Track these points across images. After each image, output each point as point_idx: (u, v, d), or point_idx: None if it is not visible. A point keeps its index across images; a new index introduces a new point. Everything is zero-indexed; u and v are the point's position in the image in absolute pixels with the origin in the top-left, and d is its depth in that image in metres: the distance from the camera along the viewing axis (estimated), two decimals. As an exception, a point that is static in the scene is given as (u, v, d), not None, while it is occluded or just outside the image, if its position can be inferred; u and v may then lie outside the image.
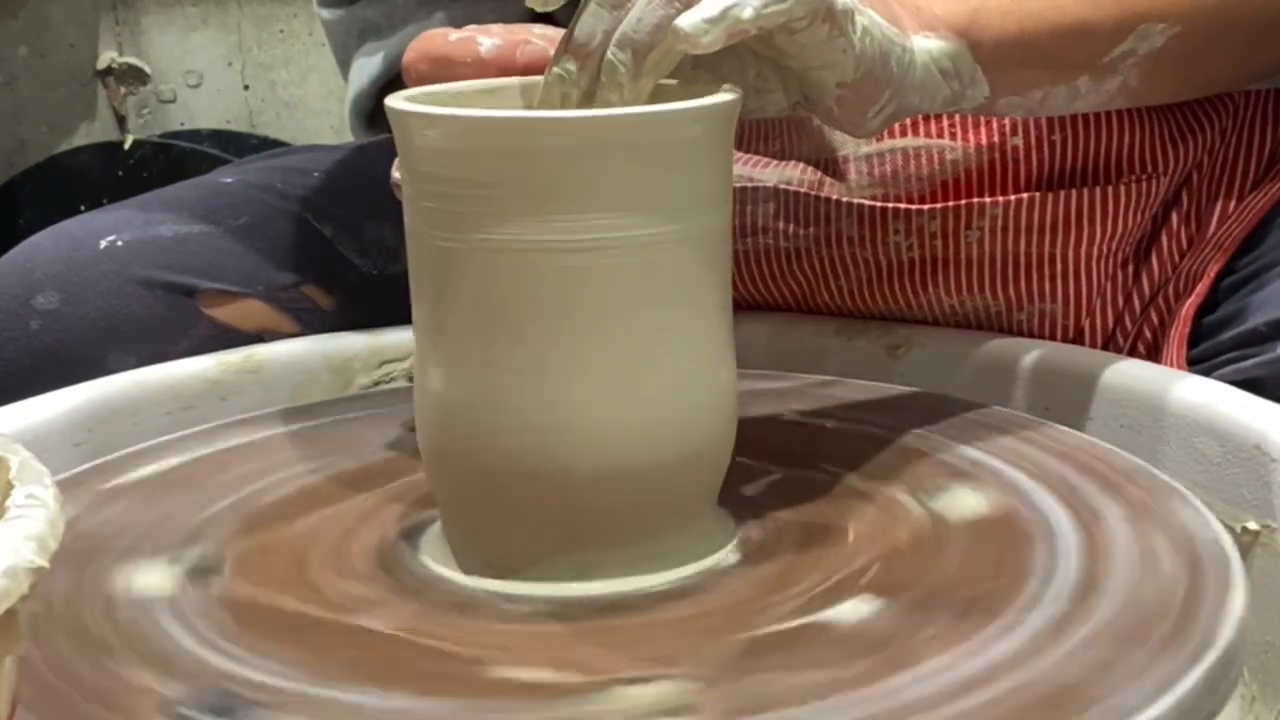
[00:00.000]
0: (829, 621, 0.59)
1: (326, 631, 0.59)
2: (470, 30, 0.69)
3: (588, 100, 0.63)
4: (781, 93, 0.68)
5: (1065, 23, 0.75)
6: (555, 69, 0.63)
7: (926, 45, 0.70)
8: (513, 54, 0.68)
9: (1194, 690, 0.53)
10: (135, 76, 2.68)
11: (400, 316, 0.67)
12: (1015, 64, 0.74)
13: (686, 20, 0.59)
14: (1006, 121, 0.88)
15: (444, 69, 0.68)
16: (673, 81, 0.66)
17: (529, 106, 0.66)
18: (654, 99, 0.63)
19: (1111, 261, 0.90)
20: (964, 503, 0.68)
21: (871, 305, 0.92)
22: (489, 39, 0.68)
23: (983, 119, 0.88)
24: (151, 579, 0.63)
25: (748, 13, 0.59)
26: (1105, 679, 0.53)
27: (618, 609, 0.60)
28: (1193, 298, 0.88)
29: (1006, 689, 0.53)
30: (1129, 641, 0.55)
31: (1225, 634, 0.56)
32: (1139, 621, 0.57)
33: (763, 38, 0.62)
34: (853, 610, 0.59)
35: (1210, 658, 0.54)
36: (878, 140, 0.89)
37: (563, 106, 0.64)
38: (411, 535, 0.67)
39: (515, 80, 0.67)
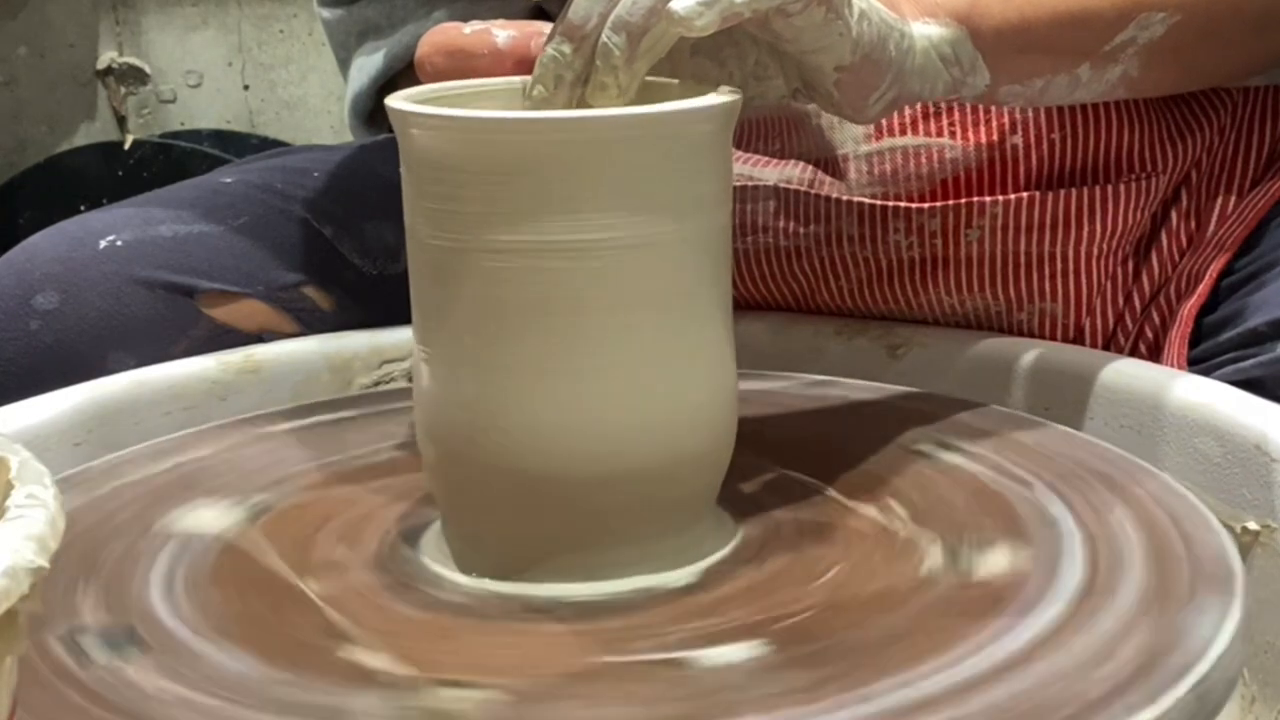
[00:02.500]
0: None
1: (320, 626, 0.59)
2: (483, 24, 0.69)
3: (581, 83, 0.63)
4: (781, 80, 0.68)
5: (1066, 10, 0.75)
6: (550, 50, 0.63)
7: (926, 31, 0.70)
8: (528, 45, 0.68)
9: (1194, 690, 0.52)
10: (135, 76, 2.67)
11: (400, 316, 0.67)
12: (1016, 51, 0.74)
13: (681, 4, 0.59)
14: (1006, 120, 0.88)
15: (460, 62, 0.68)
16: (673, 81, 0.66)
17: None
18: (653, 99, 0.63)
19: (1111, 260, 0.90)
20: (964, 502, 0.68)
21: (871, 305, 0.92)
22: (504, 31, 0.68)
23: (982, 117, 0.88)
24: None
25: None
26: (1105, 679, 0.53)
27: (617, 609, 0.60)
28: (1194, 298, 0.88)
29: (1005, 689, 0.53)
30: (1128, 642, 0.55)
31: (1225, 634, 0.56)
32: (1139, 622, 0.57)
33: (759, 21, 0.62)
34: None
35: (1210, 658, 0.54)
36: (877, 139, 0.89)
37: (556, 89, 0.63)
38: (411, 535, 0.67)
39: (518, 80, 0.67)
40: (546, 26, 0.69)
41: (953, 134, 0.88)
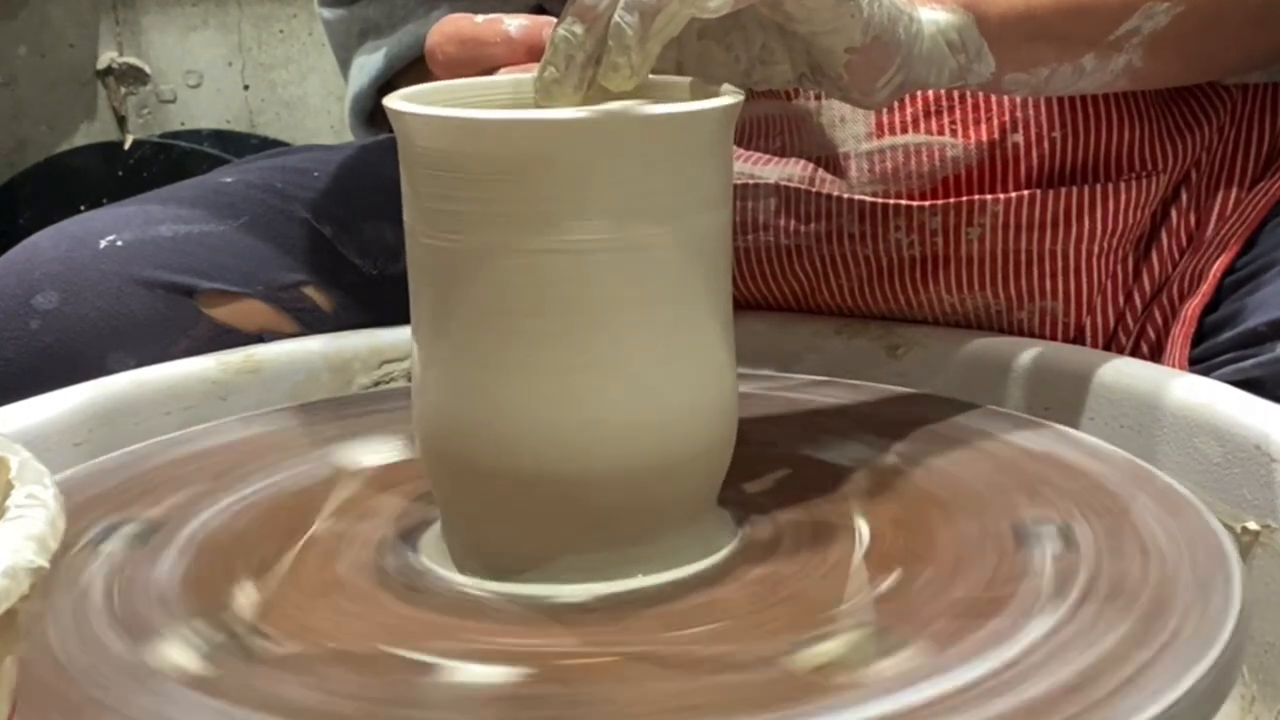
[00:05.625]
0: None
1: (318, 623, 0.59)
2: (492, 15, 0.69)
3: (593, 64, 0.63)
4: (787, 64, 0.68)
5: None
6: (561, 31, 0.62)
7: (934, 17, 0.71)
8: (540, 32, 0.68)
9: (1194, 690, 0.53)
10: (135, 76, 2.68)
11: (400, 316, 0.67)
12: (1021, 39, 0.74)
13: None
14: (1007, 118, 0.88)
15: (473, 50, 0.68)
16: (676, 79, 0.65)
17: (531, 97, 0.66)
18: (654, 96, 0.63)
19: (1112, 258, 0.90)
20: (964, 503, 0.68)
21: (872, 303, 0.92)
22: (515, 20, 0.68)
23: (983, 115, 0.88)
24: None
25: None
26: (1105, 679, 0.53)
27: (617, 609, 0.60)
28: (1198, 298, 0.88)
29: (1008, 688, 0.53)
30: (1129, 642, 0.55)
31: (1225, 634, 0.56)
32: (1139, 622, 0.57)
33: (771, 2, 0.62)
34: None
35: (1210, 658, 0.54)
36: (878, 137, 0.89)
37: (567, 69, 0.63)
38: (410, 535, 0.67)
39: (525, 77, 0.67)
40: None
41: (954, 132, 0.88)
